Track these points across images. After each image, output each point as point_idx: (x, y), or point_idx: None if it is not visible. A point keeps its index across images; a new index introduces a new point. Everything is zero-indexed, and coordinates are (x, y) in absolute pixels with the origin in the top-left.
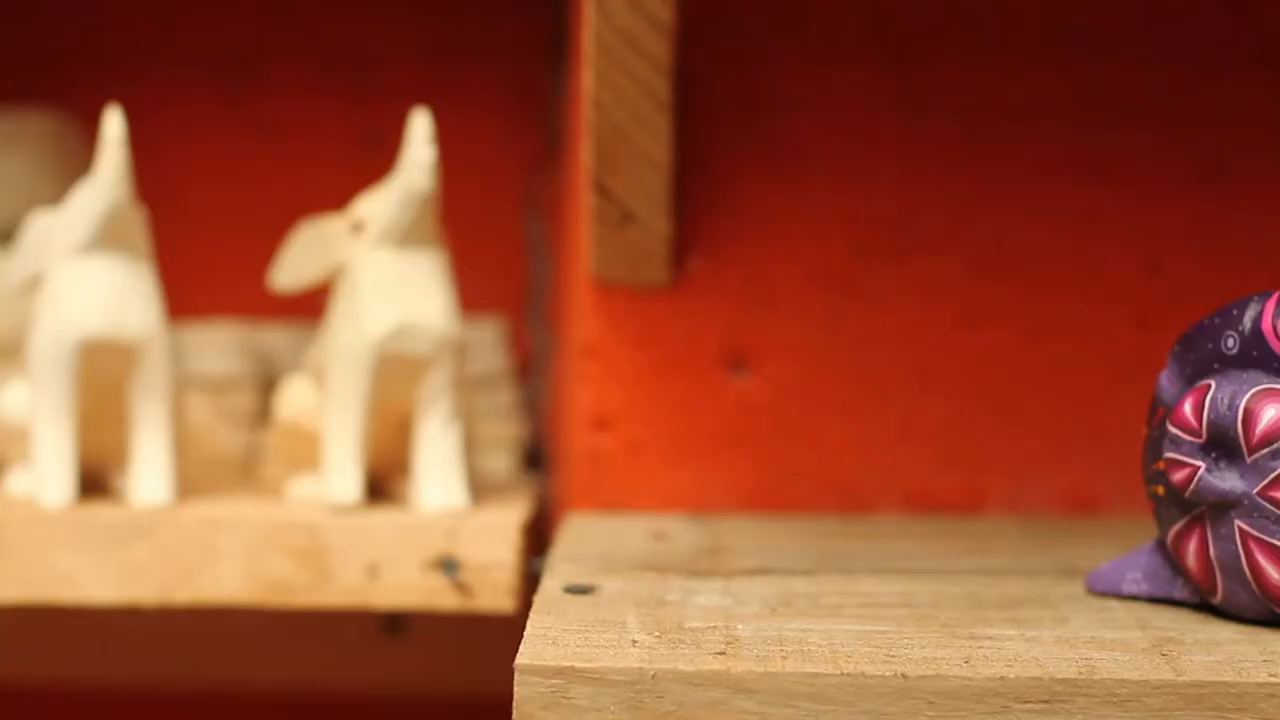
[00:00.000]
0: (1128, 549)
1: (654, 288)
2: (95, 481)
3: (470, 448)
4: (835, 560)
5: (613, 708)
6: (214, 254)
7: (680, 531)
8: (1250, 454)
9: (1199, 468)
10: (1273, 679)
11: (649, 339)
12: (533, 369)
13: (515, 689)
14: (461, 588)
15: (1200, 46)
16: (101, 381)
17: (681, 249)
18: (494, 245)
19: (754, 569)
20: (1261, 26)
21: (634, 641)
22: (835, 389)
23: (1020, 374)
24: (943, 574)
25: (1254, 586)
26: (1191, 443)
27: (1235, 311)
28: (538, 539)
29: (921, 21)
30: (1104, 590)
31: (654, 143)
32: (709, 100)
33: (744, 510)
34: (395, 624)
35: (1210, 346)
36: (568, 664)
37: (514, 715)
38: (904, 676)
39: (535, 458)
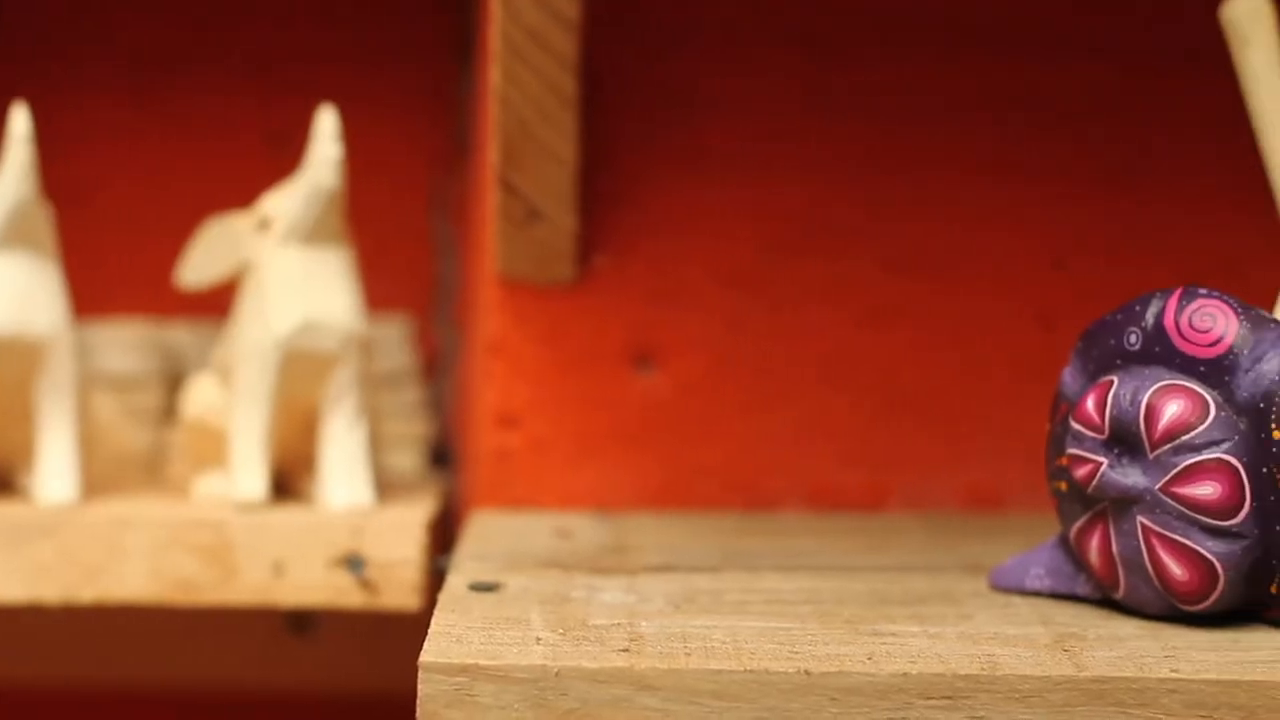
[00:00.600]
0: (1031, 545)
1: (560, 285)
2: (0, 480)
3: (376, 446)
4: (739, 557)
5: (517, 705)
6: (121, 251)
7: (585, 529)
8: (1152, 450)
9: (1101, 464)
10: (1174, 674)
11: (555, 336)
12: (440, 367)
13: (419, 687)
14: (367, 585)
15: (1111, 46)
16: (6, 379)
17: (588, 246)
18: (401, 243)
19: (658, 566)
20: (1173, 28)
21: (538, 639)
22: (740, 386)
23: (925, 371)
24: (847, 571)
25: (1156, 582)
26: (1094, 439)
27: (1138, 308)
28: (444, 537)
29: (832, 19)
30: (1007, 586)
31: (560, 140)
32: (616, 97)
33: (649, 507)
34: (301, 622)
35: (1113, 343)
36: (472, 662)
37: (418, 713)
38: (807, 673)
39: (442, 456)
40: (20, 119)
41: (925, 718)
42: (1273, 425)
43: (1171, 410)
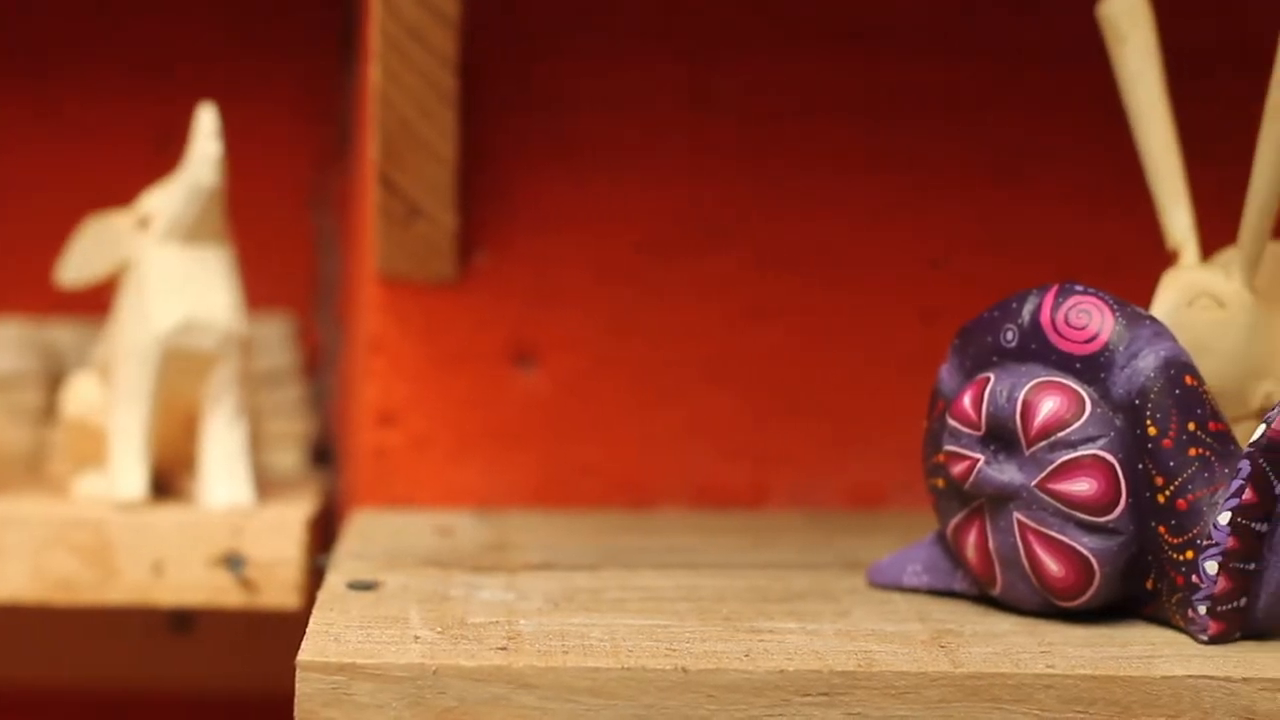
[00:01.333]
0: (910, 542)
1: (440, 283)
2: None
3: (257, 444)
4: (619, 555)
5: (394, 704)
6: (1, 250)
7: (466, 527)
8: (1029, 446)
9: (978, 460)
10: (1050, 670)
11: (435, 334)
12: (322, 365)
13: (297, 686)
14: (247, 584)
15: (987, 42)
16: None
17: (468, 244)
18: (283, 240)
19: (538, 564)
20: (1050, 24)
21: (416, 637)
22: (622, 384)
23: (806, 368)
24: (726, 568)
25: (1032, 578)
26: (970, 435)
27: (1014, 305)
28: (325, 535)
29: (710, 15)
30: (885, 583)
31: (440, 137)
32: (497, 95)
33: (530, 506)
34: (183, 621)
35: (989, 339)
36: (349, 660)
37: (295, 712)
38: (684, 670)
39: (323, 454)
40: None
41: (802, 714)
42: (1148, 422)
43: (1047, 407)
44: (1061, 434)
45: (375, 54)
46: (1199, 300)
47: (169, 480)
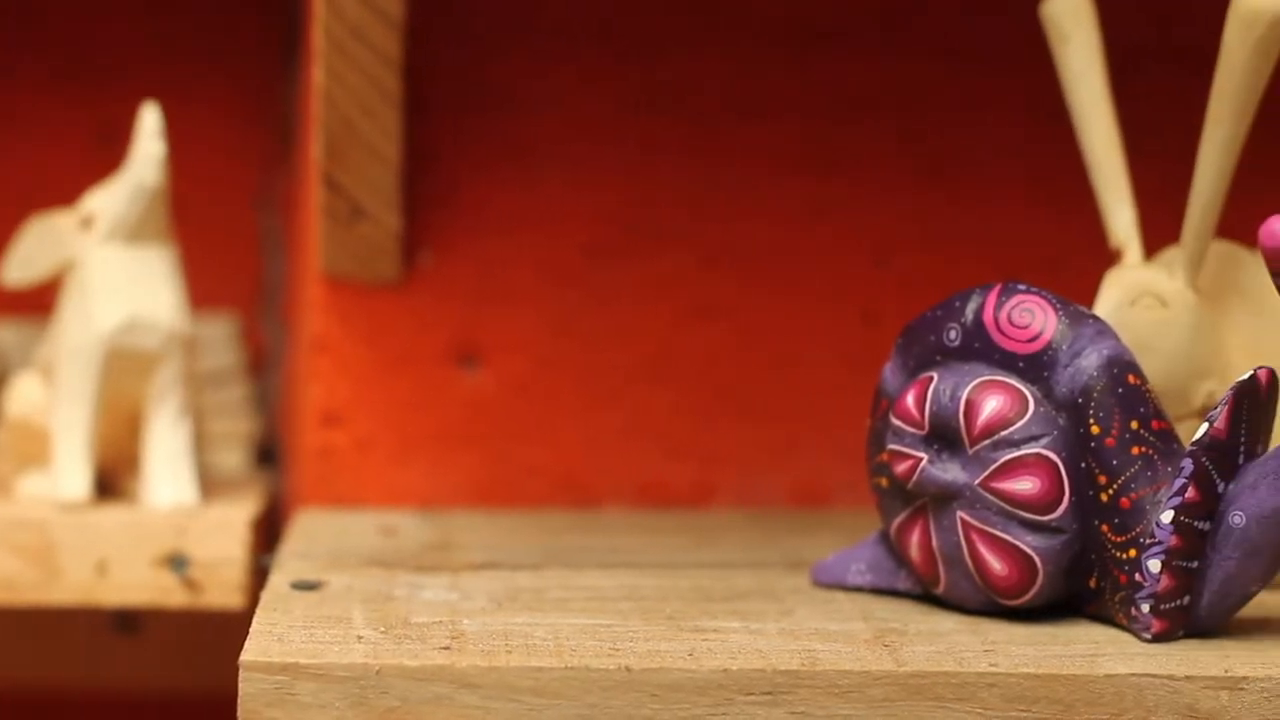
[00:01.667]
0: (854, 541)
1: (384, 283)
2: None
3: (202, 444)
4: (563, 554)
5: (337, 704)
6: None
7: (410, 527)
8: (972, 445)
9: (921, 459)
10: (993, 669)
11: (379, 335)
12: (266, 365)
13: (240, 686)
14: (190, 585)
15: (931, 42)
16: None
17: (412, 245)
18: (228, 241)
19: (482, 564)
20: (993, 23)
21: (359, 637)
22: (566, 384)
23: (750, 368)
24: (670, 567)
25: (976, 577)
26: (914, 434)
27: (957, 304)
28: (269, 535)
29: (653, 17)
30: (829, 582)
31: (384, 138)
32: (440, 96)
33: (474, 505)
34: (127, 621)
35: (933, 339)
36: (292, 660)
37: (239, 712)
38: (628, 669)
39: (268, 454)
40: None
41: (746, 713)
42: (1091, 420)
43: (991, 406)
44: (1004, 433)
45: (318, 54)
46: (1142, 299)
47: (113, 480)
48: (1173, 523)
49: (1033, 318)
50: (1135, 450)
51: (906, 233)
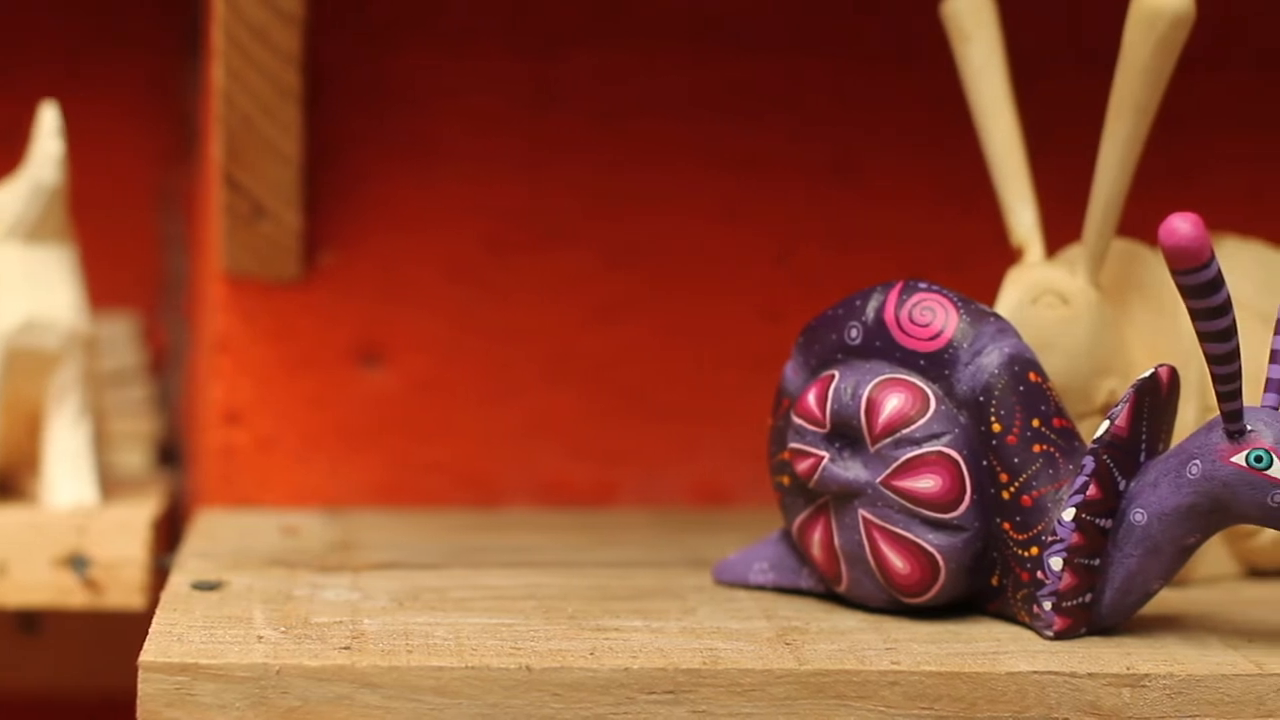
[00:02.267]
0: (756, 539)
1: (286, 282)
2: None
3: (102, 444)
4: (465, 553)
5: (237, 704)
6: None
7: (312, 527)
8: (873, 443)
9: (823, 458)
10: (894, 666)
11: (281, 333)
12: (168, 364)
13: (139, 686)
14: (91, 585)
15: (833, 40)
16: None
17: (314, 243)
18: (129, 240)
19: (383, 563)
20: (894, 21)
21: (259, 637)
22: (468, 383)
23: (653, 366)
24: (572, 566)
25: (878, 575)
26: (815, 433)
27: (858, 302)
28: (171, 535)
29: (555, 13)
30: (731, 581)
31: (284, 136)
32: (341, 93)
33: (377, 504)
34: (29, 622)
35: (834, 337)
36: (192, 661)
37: (138, 713)
38: (529, 669)
39: (169, 454)
40: None
41: (647, 712)
42: (992, 418)
43: (892, 404)
44: (906, 431)
45: (218, 52)
46: (1043, 297)
47: (12, 481)
48: (1074, 520)
49: (934, 316)
50: (1037, 448)
51: (809, 231)
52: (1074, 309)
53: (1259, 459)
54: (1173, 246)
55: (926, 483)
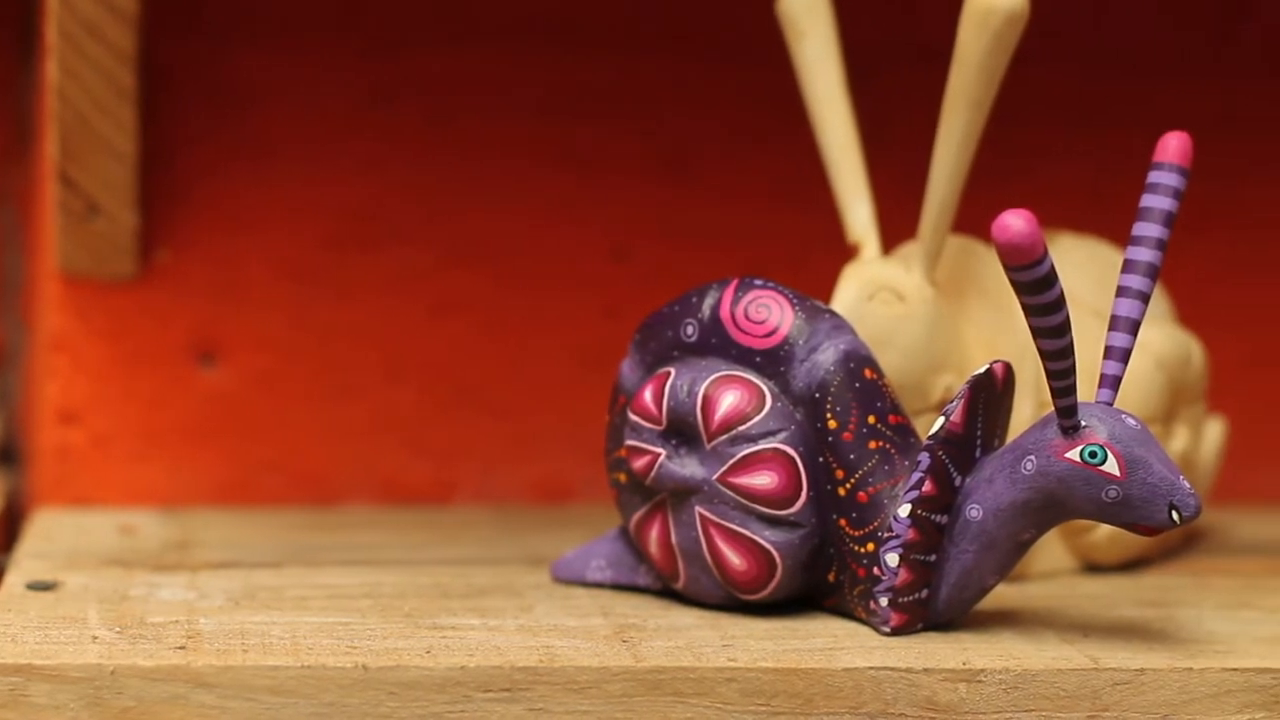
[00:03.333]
0: (595, 536)
1: (122, 281)
2: None
3: None
4: (303, 552)
5: (72, 705)
6: None
7: (149, 526)
8: (710, 440)
9: (659, 455)
10: (731, 663)
11: (117, 332)
12: (4, 363)
13: None
14: None
15: (668, 38)
16: None
17: (149, 241)
18: None
19: (221, 562)
20: (729, 19)
21: (94, 638)
22: (306, 381)
23: (491, 364)
24: (410, 564)
25: (715, 572)
26: (652, 430)
27: (694, 299)
28: (7, 535)
29: (392, 13)
30: (569, 578)
31: (119, 134)
32: (177, 92)
33: (215, 503)
34: None
35: (670, 334)
36: (25, 661)
37: None
38: (365, 668)
39: (6, 453)
40: None
41: (483, 710)
42: (828, 415)
43: (728, 401)
44: (742, 428)
45: (52, 50)
46: (879, 294)
47: None
48: (910, 516)
49: (769, 313)
50: (872, 445)
51: (647, 228)
52: (910, 306)
53: (1093, 454)
54: (1006, 243)
55: (763, 479)
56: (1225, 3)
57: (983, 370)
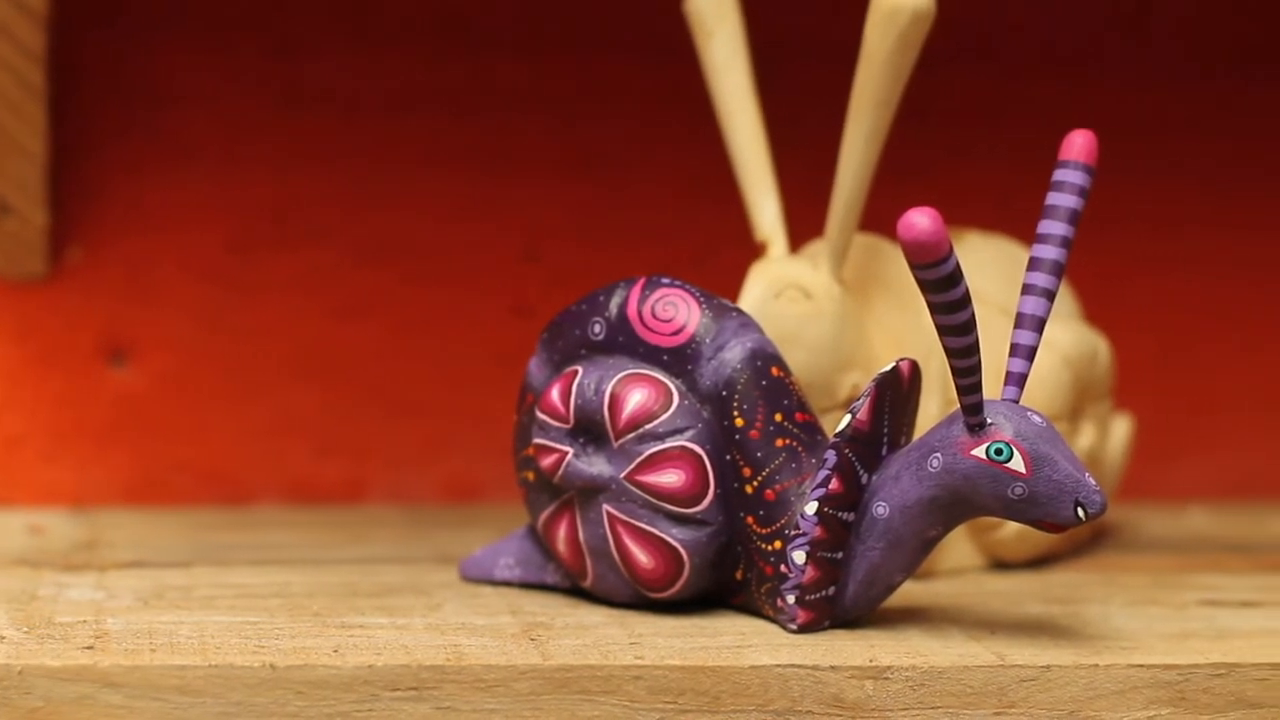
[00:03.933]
0: (504, 535)
1: (32, 280)
2: None
3: None
4: (212, 552)
5: None
6: None
7: (58, 526)
8: (617, 439)
9: (567, 453)
10: (639, 661)
11: (26, 332)
12: None
13: None
14: None
15: (577, 36)
16: None
17: (60, 241)
18: None
19: (129, 562)
20: (639, 17)
21: (2, 637)
22: (215, 380)
23: (401, 363)
24: (319, 564)
25: (622, 570)
26: (559, 428)
27: (602, 298)
28: None
29: (301, 11)
30: (477, 577)
31: (29, 132)
32: (87, 90)
33: (124, 503)
34: None
35: (578, 333)
36: None
37: None
38: (272, 667)
39: None
40: None
41: (391, 709)
42: (735, 413)
43: (635, 399)
44: (649, 426)
45: None
46: (786, 292)
47: None
48: (817, 514)
49: (676, 311)
50: (779, 442)
51: (557, 226)
52: (817, 304)
53: (999, 451)
54: (911, 241)
55: (670, 478)
56: (1135, 2)
57: (889, 368)
